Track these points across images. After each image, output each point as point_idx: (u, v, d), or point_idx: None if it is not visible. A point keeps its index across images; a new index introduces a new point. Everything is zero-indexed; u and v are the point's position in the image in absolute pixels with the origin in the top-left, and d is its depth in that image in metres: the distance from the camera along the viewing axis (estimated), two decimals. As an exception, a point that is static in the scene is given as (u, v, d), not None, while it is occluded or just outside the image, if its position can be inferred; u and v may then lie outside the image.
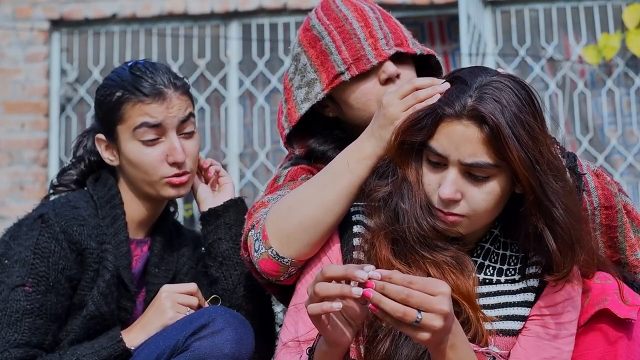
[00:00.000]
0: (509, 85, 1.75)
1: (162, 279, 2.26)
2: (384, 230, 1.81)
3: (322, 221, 1.89)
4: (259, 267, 1.96)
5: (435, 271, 1.78)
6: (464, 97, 1.74)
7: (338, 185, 1.89)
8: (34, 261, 2.06)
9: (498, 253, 1.88)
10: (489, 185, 1.76)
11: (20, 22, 5.67)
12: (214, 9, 5.62)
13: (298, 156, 2.20)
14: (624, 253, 2.08)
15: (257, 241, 1.95)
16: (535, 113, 1.76)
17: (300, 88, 2.13)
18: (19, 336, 2.02)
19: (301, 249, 1.90)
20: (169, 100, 2.18)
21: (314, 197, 1.90)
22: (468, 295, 1.78)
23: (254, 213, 2.03)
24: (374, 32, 2.08)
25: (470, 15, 5.07)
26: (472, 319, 1.78)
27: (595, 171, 2.10)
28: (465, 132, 1.74)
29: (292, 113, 2.13)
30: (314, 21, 2.15)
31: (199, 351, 1.95)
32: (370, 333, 1.79)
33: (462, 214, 1.78)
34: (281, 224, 1.91)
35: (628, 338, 1.85)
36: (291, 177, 2.12)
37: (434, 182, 1.79)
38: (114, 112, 2.20)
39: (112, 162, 2.25)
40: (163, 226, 2.32)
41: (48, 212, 2.11)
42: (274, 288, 2.06)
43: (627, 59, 5.35)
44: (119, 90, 2.19)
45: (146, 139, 2.17)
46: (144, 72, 2.20)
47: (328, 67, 2.08)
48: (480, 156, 1.74)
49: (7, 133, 5.57)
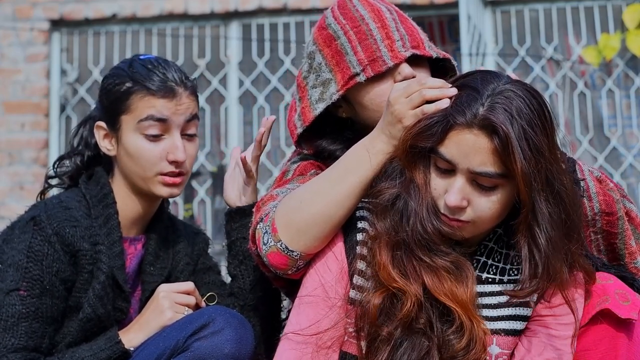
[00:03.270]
0: (521, 94, 1.75)
1: (158, 277, 2.25)
2: (388, 234, 1.82)
3: (333, 215, 1.89)
4: (267, 261, 1.95)
5: (431, 277, 1.79)
6: (475, 106, 1.74)
7: (349, 180, 1.90)
8: (28, 265, 2.04)
9: (501, 252, 1.88)
10: (495, 194, 1.77)
11: (20, 22, 5.67)
12: (214, 9, 5.62)
13: (307, 153, 2.20)
14: (622, 260, 2.08)
15: (266, 234, 1.94)
16: (545, 124, 1.76)
17: (315, 87, 2.12)
18: (16, 340, 2.01)
19: (311, 243, 1.90)
20: (179, 97, 2.18)
21: (325, 192, 1.90)
22: (464, 302, 1.79)
23: (262, 206, 2.03)
24: (391, 34, 2.07)
25: (470, 16, 5.07)
26: (465, 325, 1.78)
27: (599, 177, 2.09)
28: (476, 142, 1.74)
29: (307, 112, 2.12)
30: (330, 20, 2.14)
31: (199, 351, 1.95)
32: (372, 331, 1.79)
33: (467, 220, 1.78)
34: (292, 217, 1.91)
35: (629, 338, 1.85)
36: (300, 172, 2.12)
37: (441, 187, 1.80)
38: (120, 102, 2.18)
39: (108, 152, 2.23)
40: (158, 224, 2.30)
41: (40, 214, 2.09)
42: (280, 282, 2.06)
43: (627, 59, 5.35)
44: (129, 80, 2.18)
45: (150, 133, 2.16)
46: (156, 67, 2.19)
47: (343, 68, 2.07)
48: (489, 166, 1.74)
49: (7, 133, 5.57)
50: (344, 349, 1.87)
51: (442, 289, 1.78)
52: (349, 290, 1.87)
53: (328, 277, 1.88)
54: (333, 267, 1.89)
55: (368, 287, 1.84)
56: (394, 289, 1.80)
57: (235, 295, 2.25)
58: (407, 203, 1.82)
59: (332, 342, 1.84)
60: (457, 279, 1.79)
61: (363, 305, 1.82)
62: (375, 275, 1.83)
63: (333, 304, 1.86)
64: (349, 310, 1.86)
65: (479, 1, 5.37)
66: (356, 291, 1.86)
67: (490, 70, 1.97)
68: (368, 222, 1.90)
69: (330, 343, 1.84)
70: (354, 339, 1.85)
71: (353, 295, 1.86)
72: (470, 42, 5.08)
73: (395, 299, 1.81)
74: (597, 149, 5.35)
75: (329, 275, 1.88)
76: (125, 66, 2.23)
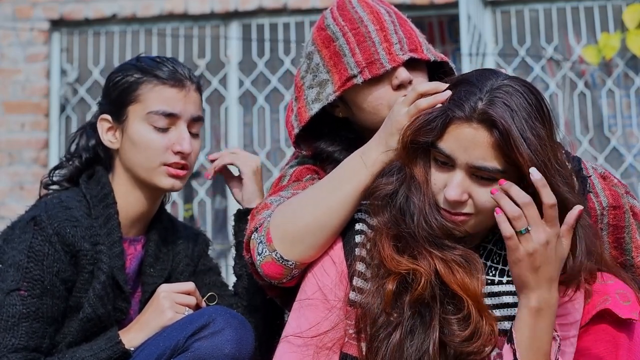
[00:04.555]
0: (520, 89, 1.75)
1: (158, 278, 2.25)
2: (388, 228, 1.82)
3: (329, 224, 1.89)
4: (261, 271, 1.95)
5: (443, 267, 1.78)
6: (474, 100, 1.74)
7: (345, 189, 1.90)
8: (28, 265, 2.04)
9: (500, 254, 1.88)
10: (494, 187, 1.77)
11: (20, 22, 5.67)
12: (214, 9, 5.62)
13: (305, 155, 2.20)
14: (629, 254, 2.08)
15: (261, 244, 1.94)
16: (544, 119, 1.76)
17: (311, 88, 2.12)
18: (17, 341, 2.01)
19: (306, 252, 1.90)
20: (187, 90, 2.21)
21: (320, 201, 1.90)
22: (475, 294, 1.78)
23: (256, 215, 2.03)
24: (389, 37, 2.07)
25: (470, 16, 5.07)
26: (473, 316, 1.78)
27: (603, 174, 2.10)
28: (475, 136, 1.74)
29: (303, 112, 2.13)
30: (329, 21, 2.14)
31: (199, 351, 1.95)
32: (373, 331, 1.79)
33: (468, 213, 1.79)
34: (286, 227, 1.91)
35: (629, 338, 1.85)
36: (296, 177, 2.12)
37: (441, 181, 1.80)
38: (128, 93, 2.20)
39: (111, 145, 2.23)
40: (157, 224, 2.31)
41: (40, 214, 2.09)
42: (274, 291, 2.06)
43: (627, 59, 5.35)
44: (137, 72, 2.21)
45: (158, 125, 2.18)
46: (164, 60, 2.23)
47: (341, 69, 2.07)
48: (488, 160, 1.74)
49: (7, 133, 5.57)
50: (344, 350, 1.87)
51: (455, 280, 1.78)
52: (348, 292, 1.86)
53: (326, 281, 1.88)
54: (331, 270, 1.89)
55: (369, 288, 1.84)
56: (405, 271, 1.79)
57: (239, 295, 2.26)
58: (409, 199, 1.82)
59: (332, 343, 1.84)
60: (469, 271, 1.79)
61: (365, 302, 1.82)
62: (380, 267, 1.83)
63: (332, 305, 1.86)
64: (349, 311, 1.85)
65: (479, 1, 5.37)
66: (356, 293, 1.86)
67: (488, 68, 1.97)
68: (366, 224, 1.91)
69: (330, 345, 1.84)
70: (354, 341, 1.85)
71: (353, 297, 1.86)
72: (470, 42, 5.08)
73: (406, 284, 1.80)
74: (597, 148, 5.35)
75: (327, 279, 1.88)
76: (133, 61, 2.26)
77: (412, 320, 1.79)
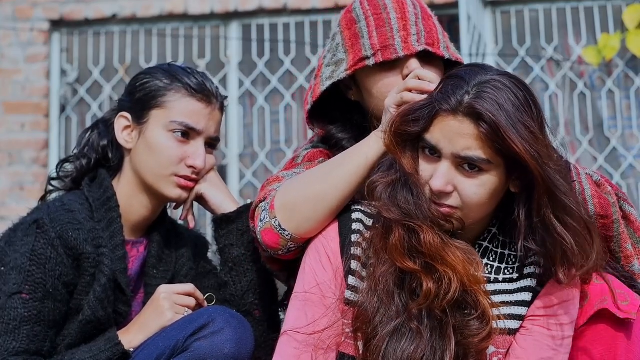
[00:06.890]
0: (508, 85, 1.76)
1: (161, 280, 2.25)
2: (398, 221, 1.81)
3: (326, 196, 1.94)
4: (260, 238, 2.01)
5: (450, 254, 1.78)
6: (460, 94, 1.76)
7: (346, 166, 1.97)
8: (31, 268, 2.04)
9: (496, 252, 1.89)
10: (480, 178, 1.77)
11: (20, 23, 5.67)
12: (214, 9, 5.62)
13: (318, 140, 2.26)
14: (618, 263, 2.08)
15: (264, 211, 2.01)
16: (533, 114, 1.76)
17: (328, 66, 2.19)
18: (18, 344, 2.01)
19: (302, 223, 1.95)
20: (213, 108, 2.24)
21: (323, 175, 1.98)
22: (478, 282, 1.79)
23: (267, 186, 2.09)
24: (408, 26, 2.11)
25: (470, 16, 5.07)
26: (481, 302, 1.78)
27: (598, 181, 2.10)
28: (460, 127, 1.75)
29: (316, 89, 2.18)
30: (356, 4, 2.21)
31: (199, 351, 1.95)
32: (370, 330, 1.79)
33: (454, 206, 1.79)
34: (289, 196, 1.98)
35: (627, 338, 1.85)
36: (309, 159, 2.18)
37: (428, 172, 1.81)
38: (155, 97, 2.20)
39: (125, 144, 2.23)
40: (160, 227, 2.30)
41: (43, 217, 2.08)
42: (276, 265, 2.11)
43: (627, 60, 5.35)
44: (167, 78, 2.21)
45: (178, 135, 2.18)
46: (195, 72, 2.26)
47: (356, 50, 2.13)
48: (474, 150, 1.75)
49: (7, 133, 5.57)
50: (341, 349, 1.87)
51: (460, 267, 1.79)
52: (344, 290, 1.87)
53: (324, 277, 1.89)
54: (328, 267, 1.90)
55: (363, 288, 1.84)
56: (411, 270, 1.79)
57: (228, 301, 2.23)
58: (401, 193, 1.83)
59: (330, 341, 1.85)
60: (471, 261, 1.80)
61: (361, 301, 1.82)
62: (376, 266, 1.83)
63: (330, 302, 1.86)
64: (346, 310, 1.86)
65: (479, 1, 5.37)
66: (351, 291, 1.86)
67: (479, 63, 1.99)
68: (363, 224, 1.91)
69: (328, 342, 1.85)
70: (351, 340, 1.85)
71: (348, 296, 1.87)
72: (470, 42, 5.08)
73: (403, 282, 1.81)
74: (597, 149, 5.35)
75: (325, 276, 1.89)
76: (165, 66, 2.28)
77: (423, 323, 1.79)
